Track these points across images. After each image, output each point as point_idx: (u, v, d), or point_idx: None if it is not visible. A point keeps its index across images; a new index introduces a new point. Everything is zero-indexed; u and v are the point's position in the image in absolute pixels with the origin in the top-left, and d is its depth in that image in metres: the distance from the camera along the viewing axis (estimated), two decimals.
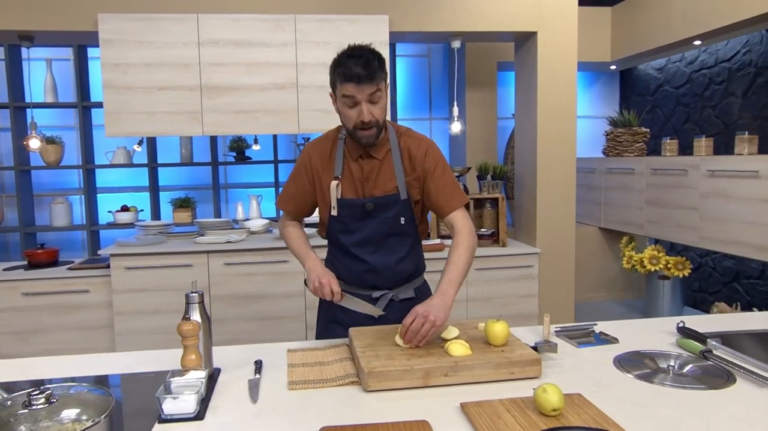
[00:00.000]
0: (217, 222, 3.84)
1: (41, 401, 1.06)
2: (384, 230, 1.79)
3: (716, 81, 4.39)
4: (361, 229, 1.79)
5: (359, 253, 1.81)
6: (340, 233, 1.82)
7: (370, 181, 1.78)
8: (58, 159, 4.10)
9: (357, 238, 1.80)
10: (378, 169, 1.78)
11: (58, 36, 3.51)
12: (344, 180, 1.78)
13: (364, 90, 1.62)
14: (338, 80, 1.66)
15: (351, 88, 1.62)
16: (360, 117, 1.65)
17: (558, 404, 1.19)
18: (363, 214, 1.78)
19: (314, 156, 1.83)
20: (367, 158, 1.78)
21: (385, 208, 1.77)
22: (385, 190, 1.77)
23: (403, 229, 1.81)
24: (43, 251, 3.52)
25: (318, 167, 1.81)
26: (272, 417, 1.24)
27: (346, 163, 1.79)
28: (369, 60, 1.62)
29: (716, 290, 4.53)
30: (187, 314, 1.44)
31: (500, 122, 4.99)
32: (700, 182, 3.73)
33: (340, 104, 1.69)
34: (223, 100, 3.42)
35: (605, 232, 5.05)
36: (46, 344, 3.35)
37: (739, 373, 1.43)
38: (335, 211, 1.78)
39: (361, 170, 1.78)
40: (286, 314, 3.45)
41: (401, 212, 1.78)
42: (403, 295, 1.87)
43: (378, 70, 1.64)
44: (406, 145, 1.80)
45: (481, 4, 3.57)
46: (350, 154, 1.79)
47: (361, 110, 1.64)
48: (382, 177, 1.78)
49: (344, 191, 1.78)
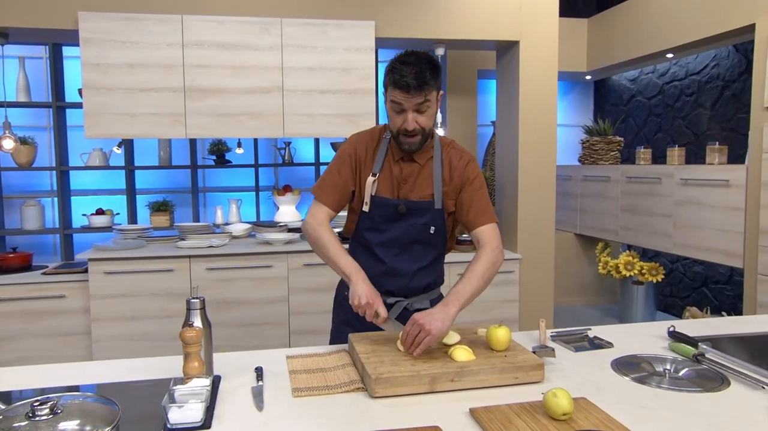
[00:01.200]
0: (198, 226, 3.77)
1: (45, 411, 1.02)
2: (412, 235, 1.78)
3: (686, 93, 4.54)
4: (389, 230, 1.78)
5: (382, 254, 1.79)
6: (367, 231, 1.81)
7: (407, 183, 1.77)
8: (30, 160, 3.96)
9: (383, 238, 1.79)
10: (417, 173, 1.78)
11: (35, 33, 3.40)
12: (382, 178, 1.77)
13: (412, 99, 1.62)
14: (389, 85, 1.66)
15: (399, 96, 1.63)
16: (404, 125, 1.66)
17: (568, 408, 1.20)
18: (394, 215, 1.77)
19: (359, 147, 1.81)
20: (409, 161, 1.78)
21: (417, 213, 1.77)
22: (420, 195, 1.77)
23: (431, 238, 1.80)
24: (15, 256, 3.40)
25: (362, 157, 1.80)
26: (281, 425, 1.22)
27: (387, 162, 1.78)
28: (421, 70, 1.61)
29: (686, 295, 4.68)
30: (189, 321, 1.40)
31: (480, 129, 5.05)
32: (674, 190, 3.85)
33: (388, 106, 1.70)
34: (207, 102, 3.37)
35: (581, 238, 5.16)
36: (18, 351, 3.23)
37: (732, 376, 1.47)
38: (367, 207, 1.77)
39: (401, 171, 1.77)
40: (269, 320, 3.41)
41: (432, 220, 1.78)
42: (418, 305, 1.84)
43: (429, 81, 1.62)
44: (448, 155, 1.80)
45: (465, 12, 3.62)
46: (393, 154, 1.79)
47: (406, 118, 1.65)
48: (420, 183, 1.77)
49: (380, 190, 1.77)
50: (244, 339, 3.37)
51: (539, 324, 1.80)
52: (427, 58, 1.66)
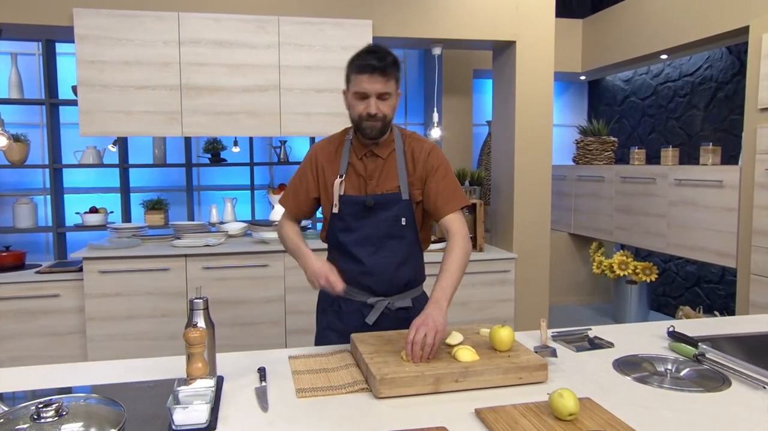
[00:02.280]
0: (193, 225, 3.74)
1: (50, 413, 1.00)
2: (384, 229, 1.80)
3: (680, 94, 4.57)
4: (361, 227, 1.80)
5: (358, 253, 1.80)
6: (340, 232, 1.82)
7: (372, 179, 1.79)
8: (23, 158, 3.91)
9: (356, 237, 1.80)
10: (381, 167, 1.80)
11: (29, 30, 3.36)
12: (348, 178, 1.80)
13: (375, 82, 1.65)
14: (352, 72, 1.70)
15: (363, 80, 1.66)
16: (367, 109, 1.68)
17: (574, 409, 1.20)
18: (363, 211, 1.78)
19: (320, 154, 1.85)
20: (371, 157, 1.80)
21: (385, 206, 1.78)
22: (387, 188, 1.79)
23: (403, 231, 1.82)
24: (8, 254, 3.36)
25: (324, 164, 1.83)
26: (287, 426, 1.22)
27: (351, 161, 1.81)
28: (384, 56, 1.67)
29: (679, 295, 4.71)
30: (193, 321, 1.39)
31: (475, 128, 5.06)
32: (669, 190, 3.88)
33: (350, 97, 1.73)
34: (204, 101, 3.34)
35: (575, 238, 5.18)
36: (11, 351, 3.19)
37: (733, 376, 1.48)
38: (336, 208, 1.79)
39: (365, 167, 1.80)
40: (266, 319, 3.40)
41: (402, 212, 1.79)
42: (399, 304, 1.85)
43: (391, 66, 1.67)
44: (410, 146, 1.83)
45: (462, 12, 3.62)
46: (355, 152, 1.81)
47: (369, 103, 1.68)
48: (385, 176, 1.80)
49: (347, 188, 1.80)
50: (240, 338, 3.36)
51: (540, 324, 1.80)
52: (389, 51, 1.71)
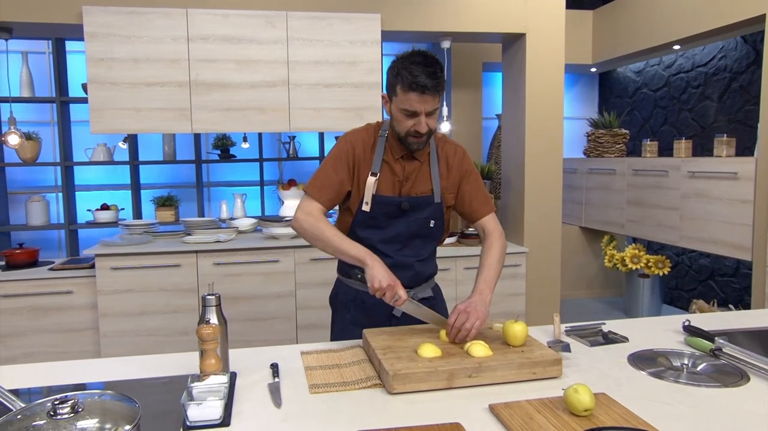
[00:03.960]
0: (203, 221, 3.75)
1: (66, 410, 1.00)
2: (413, 230, 1.81)
3: (693, 85, 4.51)
4: (392, 227, 1.79)
5: (385, 249, 1.79)
6: (368, 229, 1.80)
7: (409, 181, 1.78)
8: (34, 156, 3.94)
9: (385, 235, 1.80)
10: (418, 170, 1.79)
11: (39, 28, 3.37)
12: (382, 177, 1.77)
13: (426, 102, 1.61)
14: (400, 86, 1.61)
15: (414, 99, 1.59)
16: (416, 127, 1.65)
17: (590, 404, 1.20)
18: (397, 212, 1.78)
19: (357, 146, 1.77)
20: (410, 159, 1.79)
21: (418, 209, 1.79)
22: (421, 191, 1.79)
23: (431, 232, 1.83)
24: (22, 251, 3.38)
25: (360, 156, 1.77)
26: (300, 422, 1.22)
27: (387, 160, 1.78)
28: (435, 71, 1.59)
29: (692, 288, 4.67)
30: (206, 318, 1.39)
31: (485, 122, 5.03)
32: (681, 182, 3.84)
33: (396, 110, 1.66)
34: (213, 97, 3.34)
35: (586, 231, 5.15)
36: (26, 347, 3.22)
37: (751, 371, 1.45)
38: (368, 206, 1.75)
39: (403, 169, 1.78)
40: (277, 314, 3.40)
41: (433, 214, 1.81)
42: (422, 294, 1.88)
43: (442, 81, 1.62)
44: (444, 150, 1.84)
45: (471, 5, 3.59)
46: (392, 152, 1.78)
47: (419, 121, 1.64)
48: (420, 179, 1.80)
49: (381, 188, 1.76)
50: (251, 333, 3.36)
51: (553, 319, 1.79)
52: (436, 59, 1.64)
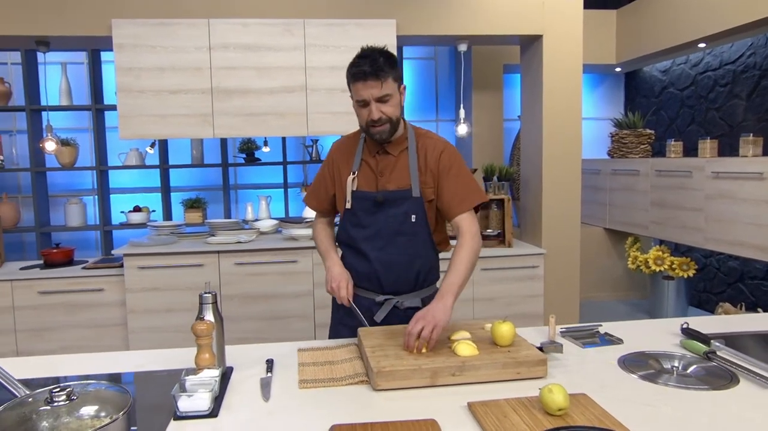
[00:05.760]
0: (227, 223, 3.89)
1: (62, 398, 1.09)
2: (394, 226, 1.82)
3: (721, 83, 4.40)
4: (372, 223, 1.83)
5: (367, 249, 1.84)
6: (352, 228, 1.87)
7: (384, 176, 1.83)
8: (72, 161, 4.17)
9: (367, 233, 1.84)
10: (393, 165, 1.84)
11: (74, 41, 3.57)
12: (360, 174, 1.85)
13: (371, 88, 1.68)
14: (350, 81, 1.75)
15: (359, 87, 1.70)
16: (369, 116, 1.73)
17: (563, 404, 1.21)
18: (374, 207, 1.82)
19: (336, 153, 1.94)
20: (383, 154, 1.85)
21: (396, 203, 1.81)
22: (397, 185, 1.82)
23: (414, 228, 1.82)
24: (58, 251, 3.59)
25: (339, 162, 1.91)
26: (284, 415, 1.28)
27: (364, 158, 1.87)
28: (375, 58, 1.68)
29: (721, 291, 4.55)
30: (201, 315, 1.47)
31: (506, 123, 5.02)
32: (705, 183, 3.76)
33: (354, 106, 1.78)
34: (234, 103, 3.47)
35: (610, 232, 5.08)
36: (61, 341, 3.42)
37: (742, 374, 1.45)
38: (349, 203, 1.85)
39: (377, 164, 1.84)
40: (295, 313, 3.51)
41: (412, 209, 1.81)
42: (408, 303, 1.87)
43: (384, 68, 1.68)
44: (423, 145, 1.85)
45: (487, 7, 3.61)
46: (368, 150, 1.87)
47: (370, 109, 1.72)
48: (397, 173, 1.83)
49: (359, 185, 1.85)
50: (270, 331, 3.48)
51: (549, 320, 1.81)
52: (380, 49, 1.74)
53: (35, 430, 1.05)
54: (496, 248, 3.77)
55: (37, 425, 1.06)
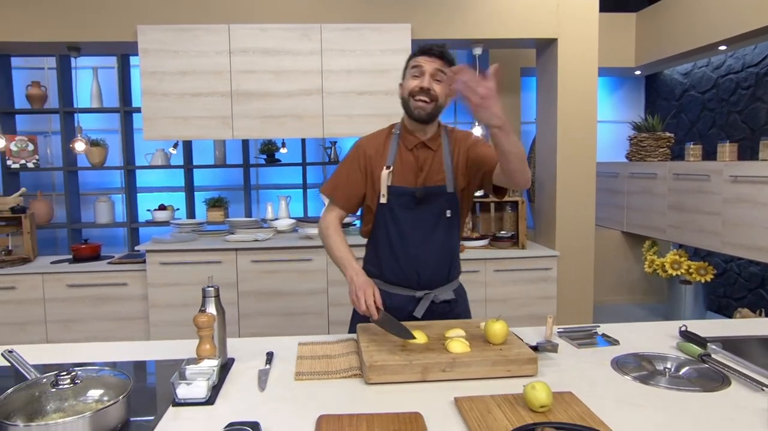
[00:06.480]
0: (246, 221, 4.00)
1: (67, 382, 1.19)
2: (431, 222, 1.83)
3: (743, 86, 4.33)
4: (408, 219, 1.83)
5: (404, 245, 1.83)
6: (387, 223, 1.85)
7: (423, 171, 1.83)
8: (102, 160, 4.34)
9: (403, 228, 1.84)
10: (431, 159, 1.85)
11: (102, 46, 3.73)
12: (396, 169, 1.84)
13: (433, 62, 1.75)
14: (412, 56, 1.81)
15: (421, 59, 1.77)
16: (420, 83, 1.76)
17: (546, 401, 1.23)
18: (412, 202, 1.82)
19: (368, 147, 1.89)
20: (423, 149, 1.85)
21: (433, 198, 1.83)
22: (435, 181, 1.84)
23: (449, 223, 1.85)
24: (86, 246, 3.75)
25: (372, 156, 1.87)
26: (277, 405, 1.33)
27: (400, 153, 1.86)
28: (443, 46, 1.78)
29: (741, 296, 4.47)
30: (203, 307, 1.55)
31: (524, 126, 5.03)
32: (723, 187, 3.71)
33: (407, 77, 1.81)
34: (252, 105, 3.58)
35: (628, 236, 5.04)
36: (87, 332, 3.58)
37: (734, 377, 1.45)
38: (384, 198, 1.82)
39: (416, 160, 1.84)
40: (310, 310, 3.59)
41: (448, 204, 1.84)
42: (443, 296, 1.89)
43: (448, 57, 1.78)
44: (455, 138, 1.90)
45: (502, 11, 3.64)
46: (405, 144, 1.86)
47: (423, 78, 1.76)
48: (434, 168, 1.84)
49: (396, 180, 1.83)
50: (285, 327, 3.57)
51: (547, 320, 1.83)
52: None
53: (42, 411, 1.14)
54: (510, 249, 3.79)
55: (44, 406, 1.15)
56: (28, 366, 1.26)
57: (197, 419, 1.27)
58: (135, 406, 1.27)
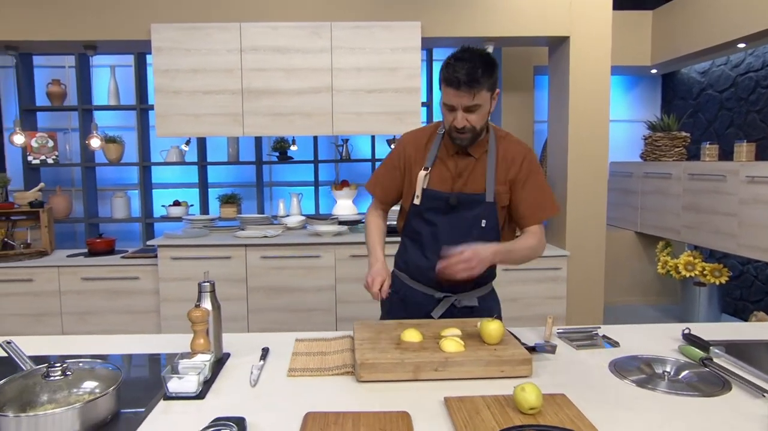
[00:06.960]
0: (257, 218, 4.04)
1: (58, 373, 1.21)
2: (463, 229, 1.78)
3: (763, 84, 4.23)
4: (440, 223, 1.80)
5: (431, 247, 1.81)
6: (418, 224, 1.84)
7: (461, 178, 1.79)
8: (119, 157, 4.42)
9: (433, 231, 1.81)
10: (472, 168, 1.79)
11: (117, 45, 3.80)
12: (435, 172, 1.80)
13: (462, 97, 1.63)
14: (442, 81, 1.69)
15: (450, 93, 1.66)
16: (454, 122, 1.69)
17: (535, 403, 1.22)
18: (446, 208, 1.79)
19: (409, 145, 1.87)
20: (464, 156, 1.80)
21: (468, 206, 1.78)
22: (473, 189, 1.78)
23: (483, 233, 1.77)
24: (101, 241, 3.83)
25: (411, 155, 1.85)
26: (267, 400, 1.34)
27: (441, 156, 1.81)
28: (473, 67, 1.61)
29: (758, 299, 4.38)
30: (198, 302, 1.57)
31: (537, 125, 4.98)
32: (739, 188, 3.63)
33: (442, 105, 1.73)
34: (263, 103, 3.61)
35: (642, 236, 4.96)
36: (100, 325, 3.65)
37: (735, 382, 1.42)
38: (418, 200, 1.80)
39: (456, 165, 1.80)
40: (318, 306, 3.61)
41: (484, 214, 1.78)
42: (465, 302, 1.84)
43: (480, 79, 1.61)
44: (504, 149, 1.80)
45: (513, 9, 3.60)
46: (447, 148, 1.82)
47: (456, 116, 1.68)
48: (474, 176, 1.79)
49: (432, 183, 1.80)
50: (293, 323, 3.60)
51: (546, 321, 1.81)
52: (482, 55, 1.65)
53: (35, 402, 1.17)
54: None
55: (38, 397, 1.18)
56: (24, 357, 1.29)
57: (187, 413, 1.28)
58: (128, 399, 1.29)
